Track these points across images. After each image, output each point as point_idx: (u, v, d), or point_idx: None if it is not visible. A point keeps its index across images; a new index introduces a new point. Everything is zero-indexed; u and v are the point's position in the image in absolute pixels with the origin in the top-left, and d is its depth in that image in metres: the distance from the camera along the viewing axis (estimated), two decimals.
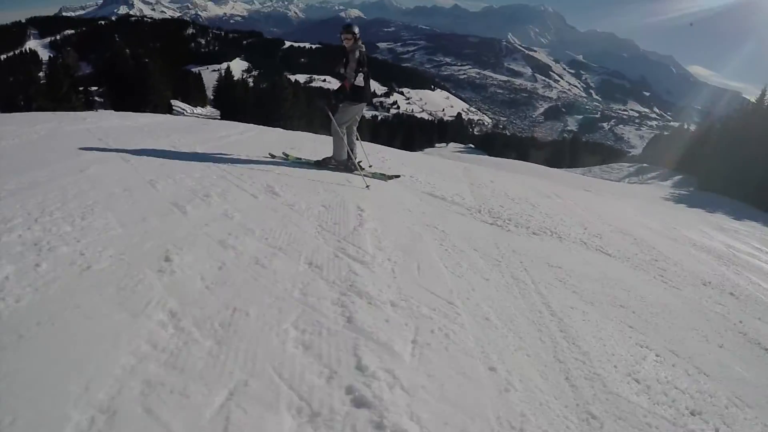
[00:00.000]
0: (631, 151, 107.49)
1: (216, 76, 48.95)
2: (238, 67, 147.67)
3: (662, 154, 35.32)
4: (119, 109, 22.66)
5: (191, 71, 69.42)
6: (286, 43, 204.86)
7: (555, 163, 44.03)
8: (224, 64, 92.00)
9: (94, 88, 41.45)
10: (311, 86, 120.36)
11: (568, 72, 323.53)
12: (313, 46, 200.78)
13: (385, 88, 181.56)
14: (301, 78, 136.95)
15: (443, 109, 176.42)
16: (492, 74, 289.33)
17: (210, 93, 51.24)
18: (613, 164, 38.92)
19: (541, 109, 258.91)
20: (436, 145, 68.18)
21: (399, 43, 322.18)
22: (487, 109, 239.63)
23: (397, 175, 6.26)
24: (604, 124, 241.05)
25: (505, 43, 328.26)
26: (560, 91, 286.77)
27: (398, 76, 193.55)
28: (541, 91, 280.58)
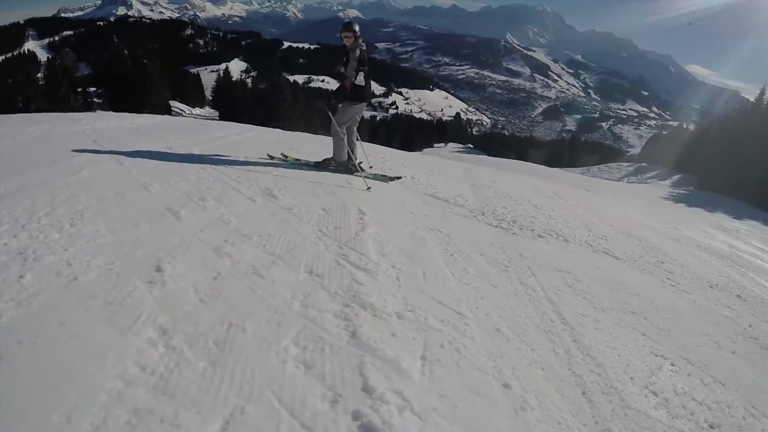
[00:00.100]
0: (629, 150, 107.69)
1: (214, 77, 48.89)
2: (236, 67, 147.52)
3: (661, 154, 35.36)
4: (118, 110, 22.57)
5: (190, 72, 69.37)
6: (285, 44, 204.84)
7: (554, 162, 43.99)
8: (223, 65, 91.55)
9: (93, 89, 41.39)
10: (310, 87, 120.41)
11: (567, 72, 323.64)
12: (312, 47, 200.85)
13: (384, 89, 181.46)
14: (299, 78, 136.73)
15: (442, 109, 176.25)
16: (490, 74, 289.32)
17: (209, 94, 51.05)
18: (612, 164, 38.98)
19: (540, 109, 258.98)
20: (435, 145, 68.15)
21: (397, 43, 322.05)
22: (486, 109, 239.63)
23: (399, 177, 6.14)
24: (603, 124, 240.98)
25: (503, 43, 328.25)
26: (559, 91, 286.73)
27: (397, 77, 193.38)
28: (539, 91, 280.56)
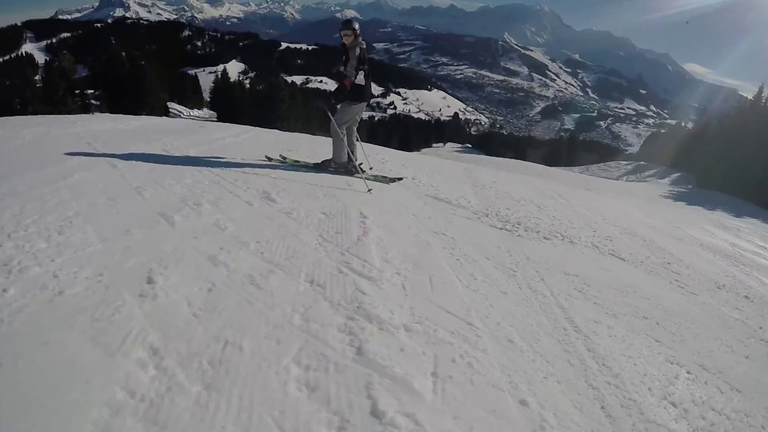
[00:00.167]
0: (628, 149, 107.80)
1: (212, 78, 48.78)
2: (234, 68, 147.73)
3: (660, 152, 35.33)
4: (116, 112, 22.38)
5: (188, 73, 69.19)
6: (283, 45, 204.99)
7: (553, 162, 43.90)
8: (221, 66, 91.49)
9: (91, 91, 41.09)
10: (308, 87, 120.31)
11: (565, 71, 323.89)
12: (310, 47, 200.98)
13: (382, 89, 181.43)
14: (297, 79, 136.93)
15: (440, 109, 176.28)
16: (488, 74, 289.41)
17: (207, 95, 50.82)
18: (611, 162, 38.94)
19: (538, 108, 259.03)
20: (434, 145, 68.13)
21: (395, 44, 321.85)
22: (484, 109, 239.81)
23: (400, 178, 6.01)
24: (601, 123, 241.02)
25: (501, 43, 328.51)
26: (557, 90, 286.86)
27: (395, 77, 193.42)
28: (537, 91, 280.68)
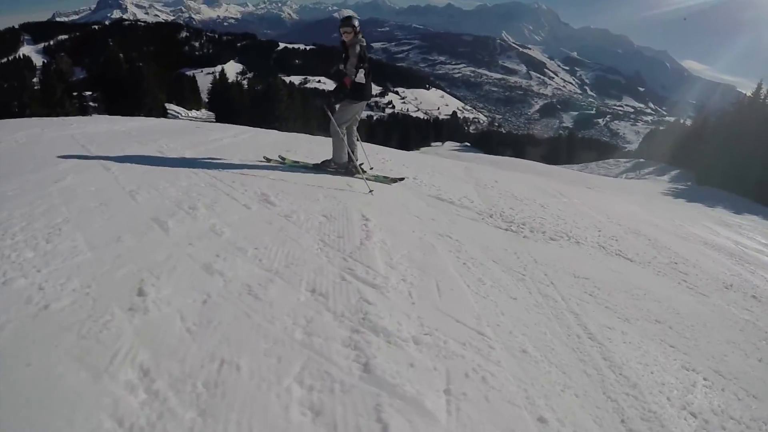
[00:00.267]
0: (627, 146, 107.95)
1: (210, 79, 48.66)
2: (232, 69, 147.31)
3: (658, 149, 35.35)
4: (114, 113, 22.30)
5: (185, 74, 69.35)
6: (281, 45, 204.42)
7: (552, 160, 43.95)
8: (218, 67, 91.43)
9: (89, 93, 41.05)
10: (306, 87, 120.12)
11: (563, 69, 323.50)
12: (308, 47, 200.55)
13: (380, 88, 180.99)
14: (295, 79, 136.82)
15: (438, 108, 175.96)
16: (486, 72, 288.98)
17: (205, 96, 50.75)
18: (610, 160, 38.97)
19: (537, 107, 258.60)
20: (432, 144, 68.17)
21: (393, 43, 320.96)
22: (483, 107, 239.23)
23: (401, 178, 5.88)
24: (600, 120, 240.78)
25: (499, 41, 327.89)
26: (555, 88, 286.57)
27: (393, 76, 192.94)
28: (536, 89, 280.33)
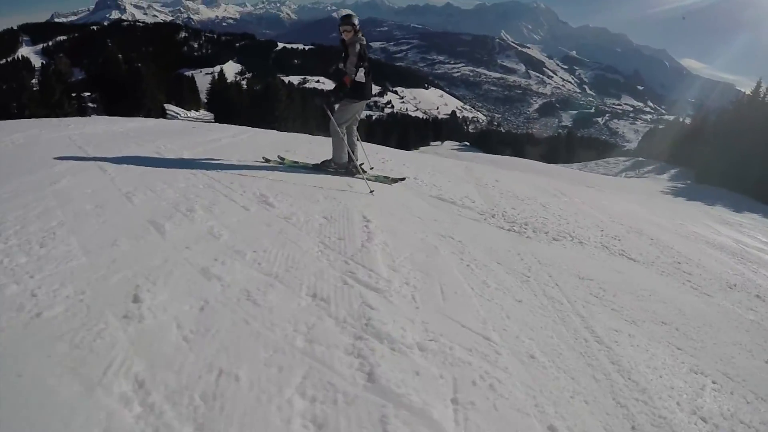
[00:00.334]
0: (626, 145, 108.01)
1: (209, 79, 48.61)
2: (231, 69, 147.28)
3: (657, 148, 35.36)
4: (113, 114, 22.25)
5: (184, 75, 69.20)
6: (279, 45, 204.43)
7: (551, 158, 43.94)
8: (217, 67, 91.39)
9: (87, 93, 40.93)
10: (305, 87, 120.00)
11: (562, 68, 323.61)
12: (306, 47, 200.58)
13: (379, 88, 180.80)
14: (294, 79, 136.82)
15: (437, 108, 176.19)
16: (485, 71, 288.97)
17: (204, 96, 50.68)
18: (609, 159, 38.98)
19: (536, 106, 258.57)
20: (432, 144, 68.05)
21: (392, 43, 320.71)
22: (482, 107, 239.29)
23: (402, 178, 5.82)
24: (599, 119, 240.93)
25: (497, 41, 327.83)
26: (554, 87, 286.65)
27: (392, 76, 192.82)
28: (534, 88, 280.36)
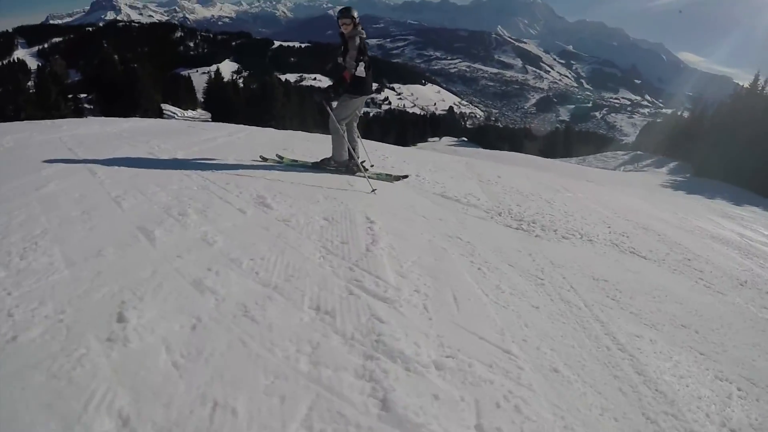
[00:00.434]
0: (624, 139, 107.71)
1: (206, 79, 48.36)
2: (227, 68, 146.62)
3: (656, 142, 35.26)
4: (109, 115, 22.08)
5: (181, 74, 68.98)
6: (276, 43, 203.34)
7: (549, 153, 43.64)
8: (214, 66, 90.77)
9: (84, 95, 40.77)
10: (302, 85, 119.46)
11: (559, 62, 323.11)
12: (303, 45, 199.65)
13: (376, 85, 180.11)
14: (291, 77, 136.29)
15: (435, 104, 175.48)
16: (482, 67, 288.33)
17: (200, 95, 50.46)
18: (608, 153, 38.93)
19: (533, 100, 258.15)
20: (429, 140, 67.70)
21: (388, 39, 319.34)
22: (479, 102, 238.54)
23: (405, 175, 5.63)
24: (596, 113, 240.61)
25: (494, 36, 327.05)
26: (551, 82, 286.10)
27: (388, 72, 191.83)
28: (532, 83, 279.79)
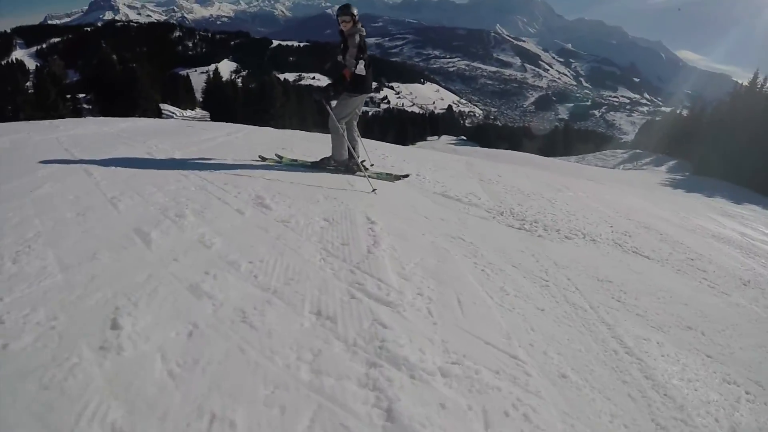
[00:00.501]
0: (623, 137, 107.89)
1: (204, 78, 48.26)
2: (226, 68, 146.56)
3: (655, 140, 35.30)
4: (108, 115, 22.02)
5: (179, 74, 68.89)
6: (274, 42, 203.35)
7: (548, 152, 43.58)
8: (212, 66, 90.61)
9: (82, 95, 40.66)
10: (301, 84, 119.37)
11: (558, 61, 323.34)
12: (301, 44, 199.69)
13: (375, 84, 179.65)
14: (290, 76, 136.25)
15: (434, 102, 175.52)
16: (481, 65, 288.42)
17: (199, 95, 50.32)
18: (607, 151, 39.03)
19: (532, 99, 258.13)
20: (428, 139, 67.79)
21: (387, 38, 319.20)
22: (478, 101, 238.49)
23: (405, 175, 5.58)
24: (595, 112, 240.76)
25: (493, 34, 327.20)
26: (550, 80, 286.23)
27: (387, 71, 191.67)
28: (531, 81, 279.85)
